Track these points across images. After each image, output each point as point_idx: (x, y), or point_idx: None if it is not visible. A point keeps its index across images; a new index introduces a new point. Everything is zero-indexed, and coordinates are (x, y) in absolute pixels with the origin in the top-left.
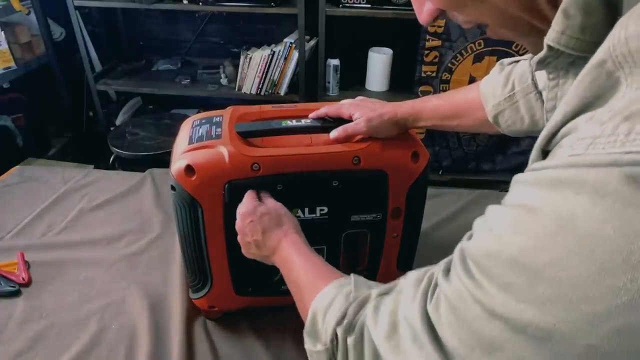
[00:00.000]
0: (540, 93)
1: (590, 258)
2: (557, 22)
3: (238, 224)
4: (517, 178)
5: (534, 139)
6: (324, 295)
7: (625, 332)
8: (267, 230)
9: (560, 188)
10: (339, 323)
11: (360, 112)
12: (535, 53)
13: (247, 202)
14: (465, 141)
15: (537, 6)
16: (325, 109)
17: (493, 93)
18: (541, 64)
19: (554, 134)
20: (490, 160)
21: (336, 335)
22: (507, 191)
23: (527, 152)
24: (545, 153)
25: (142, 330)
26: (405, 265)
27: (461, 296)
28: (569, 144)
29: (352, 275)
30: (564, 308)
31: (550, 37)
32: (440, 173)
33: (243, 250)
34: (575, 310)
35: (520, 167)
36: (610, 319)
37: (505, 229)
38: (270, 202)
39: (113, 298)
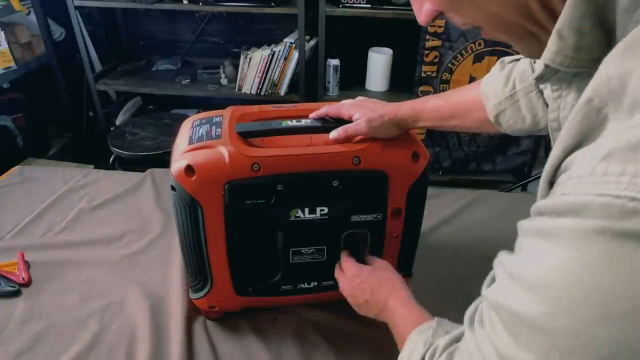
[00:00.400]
0: (541, 92)
1: (574, 312)
2: (552, 43)
3: (346, 286)
4: (519, 225)
5: (534, 139)
6: (408, 343)
7: None
8: (375, 289)
9: (549, 239)
10: None
11: (361, 112)
12: (529, 56)
13: (351, 265)
14: (465, 142)
15: (531, 12)
16: (325, 108)
17: (494, 92)
18: (540, 80)
19: (557, 167)
20: (490, 160)
21: None
22: (507, 191)
23: (527, 152)
24: (552, 184)
25: (142, 330)
26: (405, 265)
27: (481, 345)
28: (564, 181)
29: (436, 319)
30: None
31: (546, 57)
32: (440, 173)
33: (356, 309)
34: None
35: (521, 168)
36: None
37: (508, 280)
38: (378, 261)
39: (113, 298)
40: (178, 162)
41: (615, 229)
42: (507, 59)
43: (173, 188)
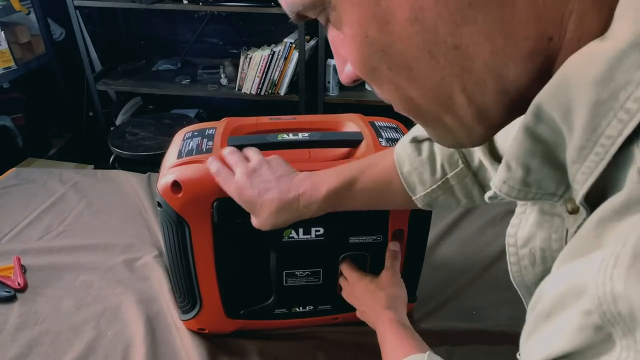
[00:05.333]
0: (475, 174)
1: None
2: (501, 171)
3: (347, 292)
4: None
5: None
6: None
7: None
8: (368, 305)
9: None
10: None
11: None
12: (439, 143)
13: (350, 272)
14: None
15: (453, 105)
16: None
17: (420, 180)
18: (493, 199)
19: None
20: None
21: None
22: None
23: None
24: None
25: (138, 337)
26: (408, 291)
27: None
28: None
29: (427, 354)
30: None
31: (495, 183)
32: None
33: (358, 316)
34: None
35: None
36: None
37: None
38: (384, 273)
39: (109, 304)
40: (164, 178)
41: None
42: (420, 136)
43: (159, 204)
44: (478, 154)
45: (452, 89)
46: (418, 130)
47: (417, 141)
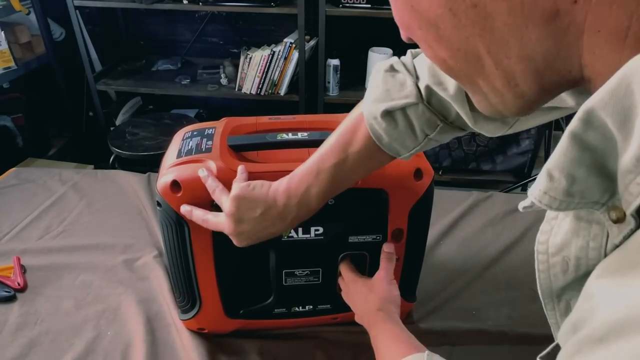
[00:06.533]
0: (452, 123)
1: None
2: (541, 180)
3: (344, 293)
4: None
5: (534, 139)
6: None
7: None
8: (362, 309)
9: None
10: None
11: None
12: (479, 109)
13: (347, 273)
14: (465, 141)
15: (483, 67)
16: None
17: (403, 146)
18: (528, 209)
19: None
20: (490, 160)
21: None
22: (506, 191)
23: (527, 152)
24: None
25: (138, 337)
26: (408, 290)
27: None
28: None
29: (426, 354)
30: None
31: (534, 193)
32: (440, 173)
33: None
34: None
35: (521, 168)
36: None
37: None
38: (378, 274)
39: (109, 303)
40: (164, 177)
41: None
42: (390, 107)
43: (159, 204)
44: (455, 108)
45: (478, 49)
46: (382, 100)
47: (389, 113)
